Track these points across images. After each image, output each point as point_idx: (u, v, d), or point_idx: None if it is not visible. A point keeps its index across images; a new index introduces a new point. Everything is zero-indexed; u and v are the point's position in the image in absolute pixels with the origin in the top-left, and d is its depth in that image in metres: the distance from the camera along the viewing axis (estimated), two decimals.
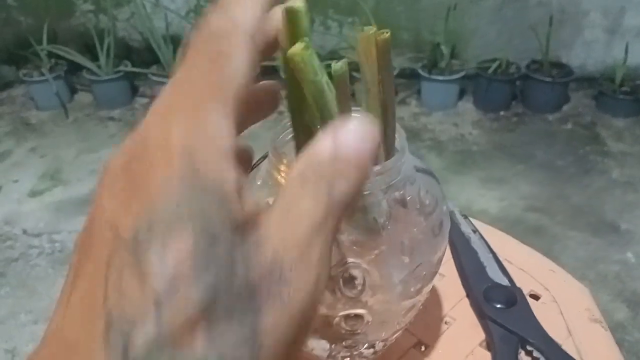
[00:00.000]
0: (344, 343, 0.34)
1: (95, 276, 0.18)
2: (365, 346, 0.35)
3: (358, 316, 0.31)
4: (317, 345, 0.34)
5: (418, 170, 0.33)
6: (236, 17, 0.21)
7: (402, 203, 0.32)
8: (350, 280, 0.29)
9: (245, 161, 0.24)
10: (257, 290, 0.18)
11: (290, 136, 0.30)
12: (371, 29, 0.27)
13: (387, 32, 0.26)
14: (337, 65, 0.24)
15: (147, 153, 0.19)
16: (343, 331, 0.32)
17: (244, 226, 0.18)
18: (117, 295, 0.18)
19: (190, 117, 0.19)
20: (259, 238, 0.18)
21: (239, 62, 0.20)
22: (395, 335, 0.36)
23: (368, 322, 0.32)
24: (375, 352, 0.36)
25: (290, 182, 0.20)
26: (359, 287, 0.30)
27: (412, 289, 0.32)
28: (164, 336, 0.17)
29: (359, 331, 0.32)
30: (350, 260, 0.29)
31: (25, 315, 1.34)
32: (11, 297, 1.39)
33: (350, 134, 0.20)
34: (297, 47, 0.22)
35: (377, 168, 0.29)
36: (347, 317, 0.31)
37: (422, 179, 0.33)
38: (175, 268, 0.17)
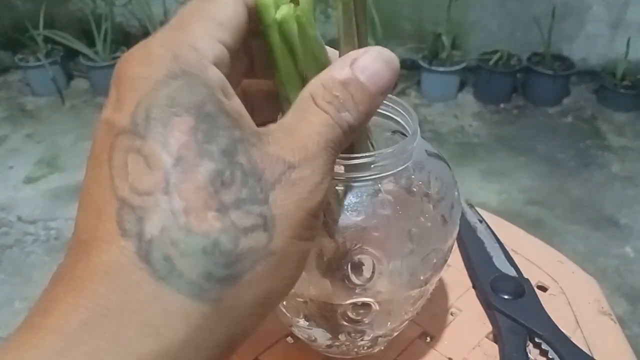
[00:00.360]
0: (348, 333, 0.33)
1: (98, 170, 0.19)
2: (370, 337, 0.34)
3: (365, 305, 0.30)
4: (320, 335, 0.33)
5: (430, 154, 0.32)
6: None
7: (412, 187, 0.30)
8: (358, 267, 0.28)
9: None
10: (263, 173, 0.18)
11: None
12: None
13: None
14: None
15: (131, 61, 0.19)
16: (349, 320, 0.31)
17: (239, 118, 0.19)
18: (124, 179, 0.18)
19: (174, 29, 0.20)
20: (261, 137, 0.19)
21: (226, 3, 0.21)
22: (401, 326, 0.35)
23: (375, 311, 0.31)
24: (378, 344, 0.35)
25: (302, 99, 0.20)
26: (368, 275, 0.28)
27: (421, 277, 0.31)
28: (177, 213, 0.17)
29: (365, 320, 0.31)
30: (359, 246, 0.28)
31: (20, 303, 1.33)
32: (6, 284, 1.38)
33: (369, 62, 0.21)
34: (286, 11, 0.22)
35: (388, 151, 0.28)
36: (354, 306, 0.30)
37: (432, 164, 0.32)
38: (180, 143, 0.18)
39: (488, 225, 0.48)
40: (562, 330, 0.39)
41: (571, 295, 0.43)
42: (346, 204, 0.28)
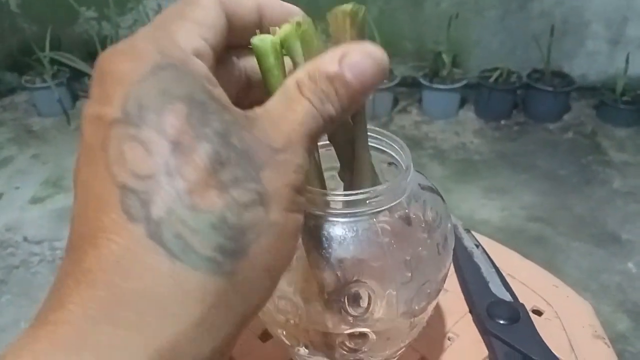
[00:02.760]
0: None
1: (94, 162, 0.19)
2: None
3: (362, 334, 0.31)
4: None
5: (423, 188, 0.33)
6: None
7: (407, 220, 0.32)
8: (355, 299, 0.29)
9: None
10: (254, 155, 0.19)
11: None
12: (347, 6, 0.25)
13: (363, 8, 0.25)
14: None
15: (115, 55, 0.20)
16: (346, 349, 0.32)
17: (227, 104, 0.20)
18: (123, 167, 0.18)
19: (155, 28, 0.21)
20: (249, 120, 0.20)
21: (209, 7, 0.22)
22: (399, 352, 0.36)
23: (372, 340, 0.32)
24: None
25: (288, 87, 0.21)
26: (364, 306, 0.30)
27: (416, 307, 0.32)
28: (181, 194, 0.18)
29: (363, 349, 0.32)
30: (355, 278, 0.29)
31: (26, 324, 1.32)
32: (12, 305, 1.39)
33: (358, 59, 0.21)
34: (289, 29, 0.24)
35: (382, 187, 0.29)
36: (352, 335, 0.31)
37: (426, 196, 0.33)
38: (176, 129, 0.18)
39: (484, 250, 0.50)
40: (557, 355, 0.40)
41: (566, 320, 0.44)
42: (343, 237, 0.29)
